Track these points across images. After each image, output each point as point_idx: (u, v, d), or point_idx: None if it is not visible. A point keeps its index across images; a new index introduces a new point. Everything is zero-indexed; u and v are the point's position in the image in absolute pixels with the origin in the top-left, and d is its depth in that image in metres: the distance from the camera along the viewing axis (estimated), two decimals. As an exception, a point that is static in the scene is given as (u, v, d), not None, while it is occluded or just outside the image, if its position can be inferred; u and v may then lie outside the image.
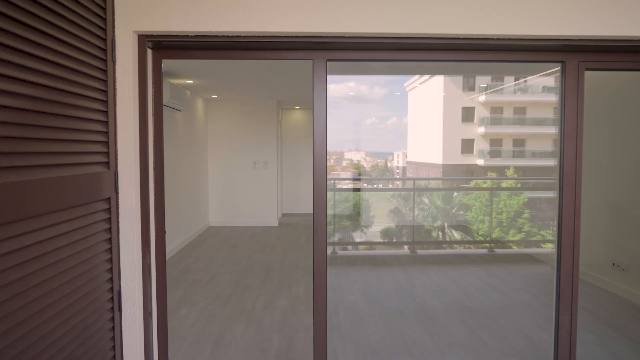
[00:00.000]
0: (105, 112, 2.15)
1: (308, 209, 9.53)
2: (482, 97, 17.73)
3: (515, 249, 7.24)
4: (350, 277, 5.02)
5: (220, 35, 2.31)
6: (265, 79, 6.00)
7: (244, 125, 8.06)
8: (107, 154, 2.16)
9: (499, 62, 2.56)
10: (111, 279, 2.18)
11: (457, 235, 12.98)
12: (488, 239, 13.32)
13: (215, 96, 7.47)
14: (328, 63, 2.53)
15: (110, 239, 2.17)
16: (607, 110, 4.60)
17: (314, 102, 2.55)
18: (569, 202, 2.63)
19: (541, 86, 17.61)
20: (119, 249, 2.25)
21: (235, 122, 8.06)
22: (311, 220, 9.06)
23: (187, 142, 6.77)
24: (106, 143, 2.15)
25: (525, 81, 17.68)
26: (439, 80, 17.97)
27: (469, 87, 18.03)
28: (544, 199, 14.49)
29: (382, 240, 10.86)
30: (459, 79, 17.98)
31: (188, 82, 6.01)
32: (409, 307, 4.10)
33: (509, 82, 17.72)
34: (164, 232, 2.56)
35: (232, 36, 2.31)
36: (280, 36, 2.32)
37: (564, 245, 2.65)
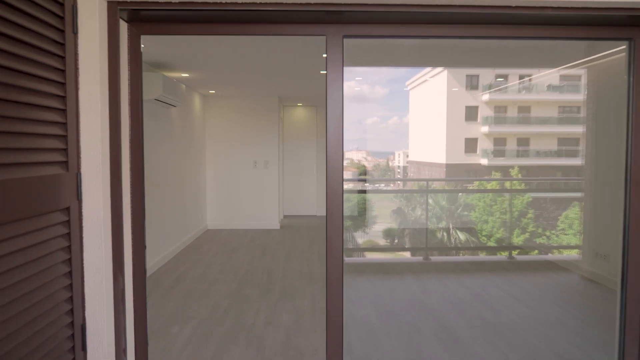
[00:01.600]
0: (63, 98, 1.65)
1: (310, 210, 9.03)
2: (485, 96, 17.26)
3: (535, 256, 6.74)
4: (360, 287, 4.53)
5: (211, 2, 1.81)
6: (266, 73, 5.51)
7: (243, 122, 7.56)
8: (65, 151, 1.66)
9: (555, 40, 2.06)
10: (71, 310, 1.69)
11: (462, 237, 12.55)
12: (503, 243, 12.83)
13: (213, 91, 6.97)
14: (345, 40, 2.03)
15: (69, 260, 1.68)
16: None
17: (327, 90, 2.06)
18: (637, 207, 2.12)
19: (546, 85, 17.14)
20: (82, 273, 1.76)
21: (235, 119, 7.56)
22: (314, 222, 8.60)
23: (183, 140, 6.27)
24: (64, 137, 1.66)
25: (530, 80, 17.22)
26: (441, 79, 17.50)
27: (473, 86, 17.56)
28: (548, 199, 13.99)
29: (396, 246, 10.36)
30: (463, 77, 17.51)
31: (183, 75, 5.50)
32: (428, 324, 3.60)
33: (514, 80, 17.24)
34: (144, 248, 2.07)
35: (226, 3, 1.81)
36: (286, 3, 1.82)
37: (631, 261, 2.14)
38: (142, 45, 2.02)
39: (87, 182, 1.75)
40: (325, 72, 5.14)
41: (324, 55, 4.53)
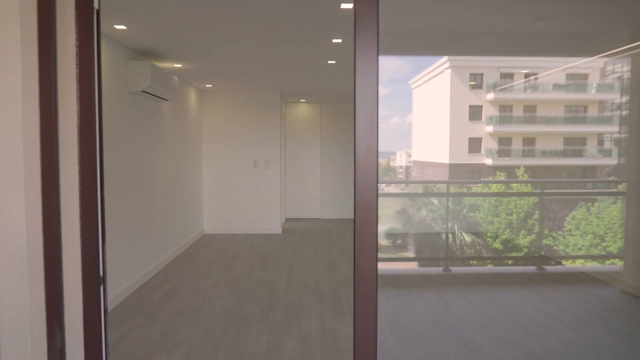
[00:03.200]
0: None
1: (314, 213, 8.42)
2: (490, 95, 16.68)
3: (567, 266, 6.14)
4: (375, 305, 3.91)
5: None
6: (267, 65, 4.89)
7: (243, 119, 6.94)
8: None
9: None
10: (-28, 391, 1.08)
11: (467, 239, 12.03)
12: (509, 245, 12.25)
13: (210, 85, 6.34)
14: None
15: (-32, 313, 1.07)
16: None
17: (356, 65, 1.45)
18: None
19: (552, 84, 16.57)
20: (-8, 330, 1.15)
21: (234, 115, 6.94)
22: (318, 226, 7.95)
23: (177, 138, 5.65)
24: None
25: (536, 78, 16.66)
26: (445, 77, 16.96)
27: (477, 85, 16.99)
28: (554, 199, 13.42)
29: (414, 256, 9.77)
30: (466, 76, 16.95)
31: (176, 66, 4.88)
32: (459, 353, 3.00)
33: (519, 79, 16.67)
34: (101, 280, 1.46)
35: None
36: None
37: None
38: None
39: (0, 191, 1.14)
40: (332, 61, 4.46)
41: (334, 41, 3.89)
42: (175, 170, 5.51)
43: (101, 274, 1.47)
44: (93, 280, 1.42)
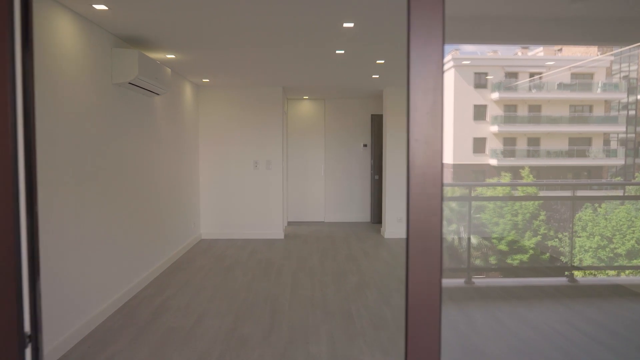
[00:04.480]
0: None
1: (317, 216, 7.91)
2: (495, 95, 16.17)
3: (600, 278, 5.64)
4: (391, 324, 3.42)
5: None
6: (269, 57, 4.40)
7: (242, 117, 6.44)
8: None
9: None
10: None
11: (474, 241, 11.55)
12: (514, 246, 11.75)
13: (207, 80, 5.84)
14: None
15: None
16: None
17: (410, 32, 0.95)
18: None
19: (556, 83, 16.07)
20: None
21: (233, 113, 6.44)
22: (322, 230, 7.39)
23: (171, 136, 5.15)
24: None
25: (540, 78, 16.16)
26: (448, 76, 16.44)
27: (481, 84, 16.49)
28: (558, 200, 12.98)
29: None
30: (471, 75, 16.45)
31: (168, 56, 4.38)
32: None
33: (524, 78, 16.17)
34: (27, 340, 0.97)
35: None
36: None
37: None
38: None
39: None
40: (341, 51, 3.89)
41: (345, 25, 3.37)
42: (168, 171, 5.01)
43: (27, 330, 0.98)
44: (10, 341, 0.93)
